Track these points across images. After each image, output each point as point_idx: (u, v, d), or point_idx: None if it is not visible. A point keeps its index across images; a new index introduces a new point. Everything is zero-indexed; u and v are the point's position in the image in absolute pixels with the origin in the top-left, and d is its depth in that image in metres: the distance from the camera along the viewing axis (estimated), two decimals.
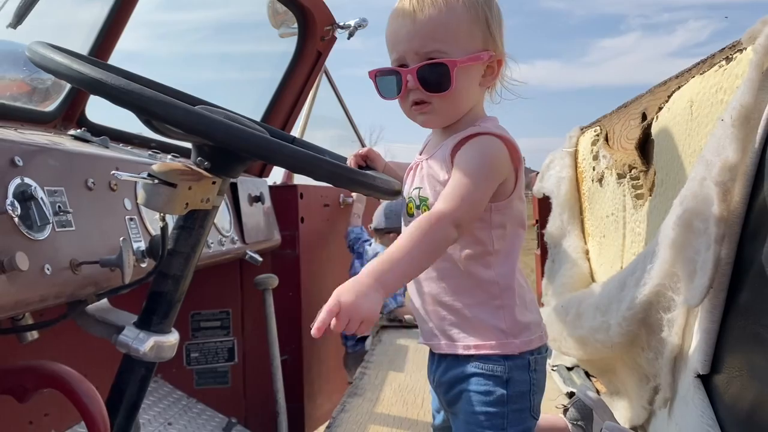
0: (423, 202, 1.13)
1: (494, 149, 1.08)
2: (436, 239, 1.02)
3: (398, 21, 1.11)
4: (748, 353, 0.99)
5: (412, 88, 1.10)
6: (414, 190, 1.16)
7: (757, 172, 0.98)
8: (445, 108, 1.12)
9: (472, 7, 1.10)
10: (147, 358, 1.27)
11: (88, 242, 1.24)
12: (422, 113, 1.13)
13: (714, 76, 1.20)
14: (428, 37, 1.08)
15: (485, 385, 1.10)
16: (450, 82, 1.07)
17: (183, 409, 2.43)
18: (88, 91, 0.97)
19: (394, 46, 1.12)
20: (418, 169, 1.18)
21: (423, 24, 1.08)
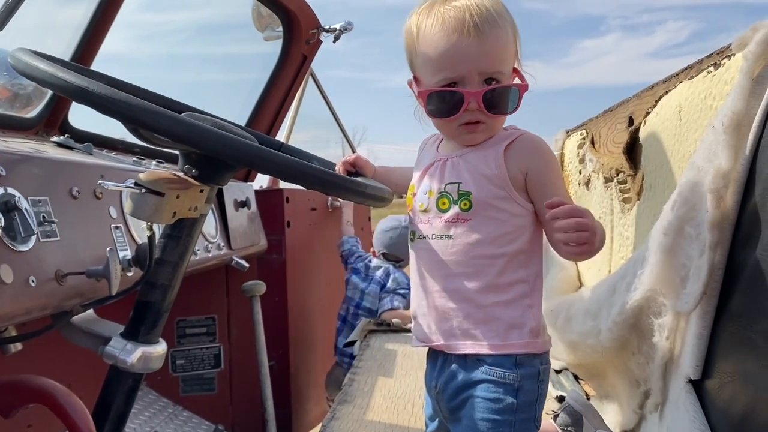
0: (464, 196, 1.11)
1: (547, 146, 1.16)
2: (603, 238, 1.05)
3: (458, 39, 1.06)
4: (741, 358, 1.00)
5: (472, 110, 1.09)
6: (449, 186, 1.13)
7: (748, 179, 0.98)
8: (496, 126, 1.13)
9: (512, 26, 1.11)
10: (134, 369, 1.25)
11: (74, 252, 1.22)
12: (471, 132, 1.12)
13: (703, 82, 1.21)
14: (495, 59, 1.08)
15: (495, 392, 1.09)
16: (517, 105, 1.11)
17: (169, 416, 2.40)
18: (74, 101, 0.95)
19: (450, 65, 1.08)
20: (448, 165, 1.15)
21: (490, 45, 1.06)
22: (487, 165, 1.11)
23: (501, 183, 1.10)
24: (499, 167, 1.10)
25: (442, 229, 1.13)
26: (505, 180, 1.10)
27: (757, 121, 0.96)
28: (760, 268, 0.94)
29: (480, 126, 1.11)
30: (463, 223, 1.12)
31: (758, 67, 0.96)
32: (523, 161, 1.10)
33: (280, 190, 2.72)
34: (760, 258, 0.94)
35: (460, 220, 1.12)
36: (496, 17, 1.07)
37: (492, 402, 1.09)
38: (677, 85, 1.34)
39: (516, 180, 1.10)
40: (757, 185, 0.96)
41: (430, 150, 1.24)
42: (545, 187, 1.10)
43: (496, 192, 1.10)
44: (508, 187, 1.10)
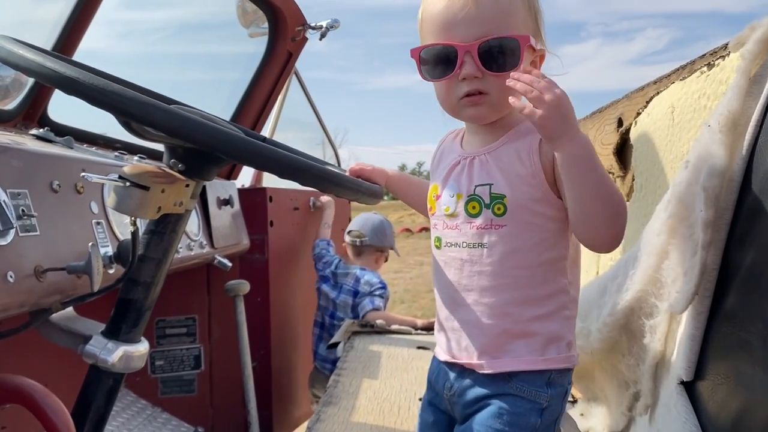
0: (497, 199, 1.02)
1: None
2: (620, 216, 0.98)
3: (453, 3, 1.00)
4: (734, 360, 0.99)
5: (468, 74, 1.00)
6: (479, 188, 1.04)
7: (745, 178, 0.98)
8: (501, 98, 1.00)
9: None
10: (115, 368, 1.21)
11: (54, 248, 1.18)
12: (474, 105, 1.03)
13: (696, 82, 1.20)
14: (491, 22, 0.99)
15: (520, 408, 1.03)
16: (519, 60, 0.99)
17: (147, 419, 2.35)
18: (64, 92, 0.91)
19: (445, 30, 1.01)
20: (476, 164, 1.06)
21: (485, 7, 0.99)
22: (521, 163, 1.02)
23: (537, 182, 1.01)
24: (534, 165, 1.01)
25: (474, 237, 1.05)
26: (541, 179, 1.01)
27: (754, 120, 0.95)
28: (756, 269, 0.93)
29: (483, 98, 1.02)
30: (498, 230, 1.03)
31: (755, 67, 0.96)
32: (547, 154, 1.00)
33: (263, 188, 2.69)
34: (756, 258, 0.93)
35: (494, 226, 1.03)
36: None
37: (515, 416, 1.03)
38: (669, 86, 1.33)
39: (549, 175, 1.01)
40: (753, 185, 0.95)
41: (452, 146, 1.15)
42: None
43: (531, 193, 1.02)
44: (544, 187, 1.01)
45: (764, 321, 0.90)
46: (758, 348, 0.92)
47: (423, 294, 8.82)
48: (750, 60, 0.95)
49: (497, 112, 1.05)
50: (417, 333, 2.59)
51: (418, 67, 1.06)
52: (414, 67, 1.08)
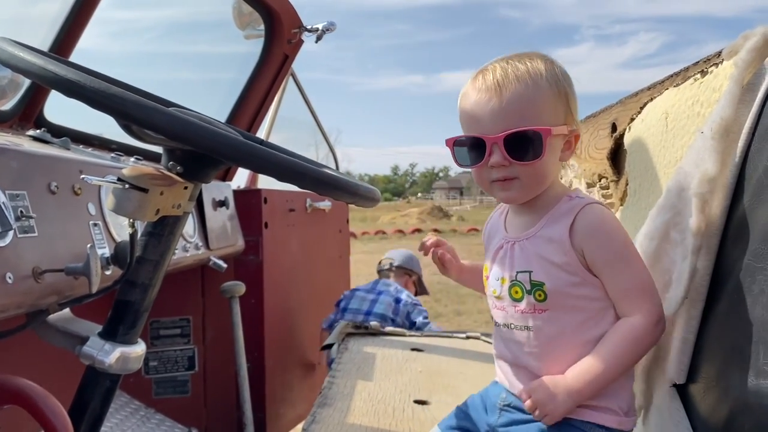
0: (537, 287, 1.09)
1: (611, 217, 1.11)
2: (644, 350, 1.09)
3: (480, 97, 1.09)
4: (726, 364, 1.00)
5: (496, 162, 1.08)
6: (520, 274, 1.12)
7: (737, 185, 0.99)
8: (530, 181, 1.10)
9: (555, 84, 1.09)
10: (112, 370, 1.21)
11: (52, 249, 1.18)
12: (505, 190, 1.11)
13: (690, 89, 1.22)
14: (516, 115, 1.07)
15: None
16: (542, 151, 1.06)
17: (141, 419, 2.35)
18: (64, 94, 0.92)
19: (475, 123, 1.10)
20: (516, 249, 1.14)
21: (510, 101, 1.07)
22: (555, 251, 1.08)
23: (573, 269, 1.08)
24: (567, 253, 1.07)
25: (520, 320, 1.12)
26: (576, 265, 1.07)
27: (746, 127, 0.97)
28: (747, 274, 0.95)
29: (512, 183, 1.10)
30: (541, 314, 1.10)
31: (748, 75, 0.98)
32: (582, 241, 1.07)
33: (259, 190, 2.69)
34: (748, 264, 0.95)
35: (537, 310, 1.10)
36: (525, 74, 1.08)
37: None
38: (663, 92, 1.35)
39: (584, 260, 1.08)
40: (746, 191, 0.97)
41: (498, 227, 1.23)
42: (604, 268, 1.07)
43: (570, 279, 1.08)
44: (582, 272, 1.08)
45: (756, 325, 0.92)
46: (749, 352, 0.93)
47: None
48: (743, 68, 0.97)
49: (528, 194, 1.12)
50: (411, 335, 2.60)
51: (452, 155, 1.15)
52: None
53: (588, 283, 1.08)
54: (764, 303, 0.90)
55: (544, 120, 1.08)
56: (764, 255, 0.90)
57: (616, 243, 1.08)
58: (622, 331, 1.06)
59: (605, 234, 1.07)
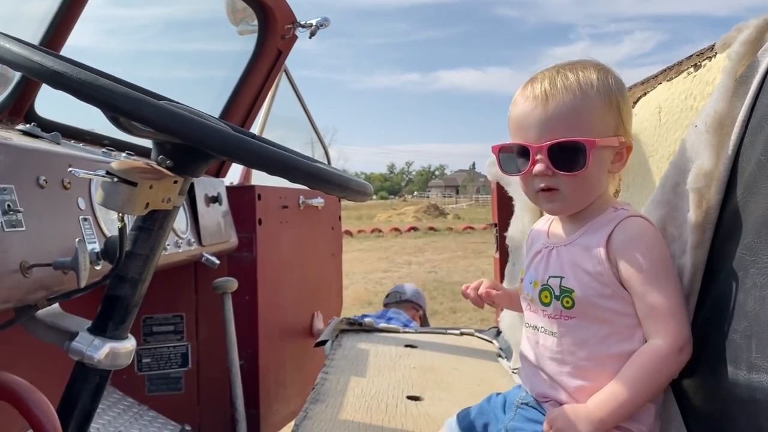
0: (566, 293, 1.09)
1: (654, 233, 1.08)
2: (668, 377, 1.04)
3: (528, 104, 1.10)
4: (719, 358, 1.00)
5: (540, 171, 1.08)
6: (552, 279, 1.12)
7: (731, 178, 0.99)
8: (574, 193, 1.10)
9: (607, 94, 1.09)
10: (102, 365, 1.20)
11: (40, 243, 1.17)
12: (549, 201, 1.11)
13: (683, 83, 1.21)
14: (562, 124, 1.07)
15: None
16: (585, 162, 1.05)
17: (134, 416, 2.34)
18: (51, 86, 0.91)
19: (522, 131, 1.11)
20: (552, 255, 1.15)
21: (557, 111, 1.07)
22: (590, 259, 1.08)
23: (605, 280, 1.06)
24: (602, 263, 1.06)
25: (547, 324, 1.13)
26: (609, 276, 1.06)
27: (739, 120, 0.96)
28: (740, 267, 0.94)
29: (555, 194, 1.10)
30: (567, 320, 1.10)
31: (741, 68, 0.97)
32: (618, 252, 1.06)
33: (252, 186, 2.68)
34: (741, 257, 0.94)
35: (563, 317, 1.10)
36: (574, 84, 1.07)
37: None
38: (656, 87, 1.34)
39: (618, 273, 1.06)
40: (739, 184, 0.96)
41: (541, 233, 1.23)
42: (635, 282, 1.04)
43: (600, 290, 1.07)
44: (614, 284, 1.06)
45: (748, 319, 0.91)
46: (742, 347, 0.93)
47: None
48: (736, 61, 0.97)
49: (573, 206, 1.12)
50: (405, 331, 2.60)
51: (498, 162, 1.16)
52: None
53: (618, 296, 1.06)
54: (756, 297, 0.89)
55: (592, 131, 1.07)
56: (757, 248, 0.90)
57: (651, 258, 1.04)
58: (644, 356, 1.03)
59: (643, 247, 1.05)
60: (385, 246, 16.77)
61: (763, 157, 0.89)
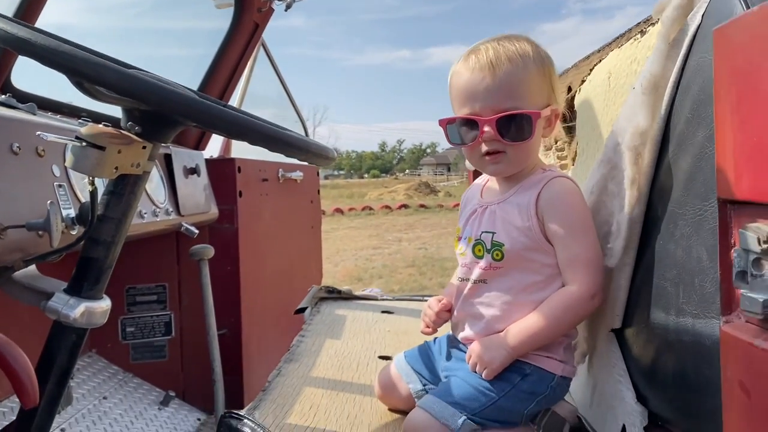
0: (496, 247, 1.20)
1: (575, 192, 1.20)
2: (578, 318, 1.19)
3: (474, 76, 1.17)
4: (653, 306, 1.07)
5: (488, 139, 1.17)
6: (485, 234, 1.22)
7: (664, 137, 1.05)
8: (517, 157, 1.20)
9: (541, 64, 1.18)
10: (77, 324, 1.25)
11: (14, 207, 1.22)
12: (495, 163, 1.20)
13: (630, 49, 1.27)
14: (507, 95, 1.15)
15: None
16: (531, 133, 1.16)
17: (119, 383, 2.41)
18: (16, 52, 0.95)
19: (468, 100, 1.18)
20: (486, 213, 1.24)
21: (502, 81, 1.15)
22: (520, 215, 1.19)
23: (532, 234, 1.18)
24: (531, 218, 1.18)
25: (478, 275, 1.23)
26: (536, 230, 1.18)
27: (671, 81, 1.02)
28: (671, 220, 1.01)
29: (501, 156, 1.19)
30: (496, 271, 1.21)
31: (674, 32, 1.02)
32: (544, 209, 1.17)
33: (232, 159, 2.72)
34: (671, 211, 1.01)
35: (493, 268, 1.21)
36: (515, 56, 1.16)
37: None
38: (609, 54, 1.40)
39: (544, 228, 1.18)
40: (671, 142, 1.02)
41: (474, 195, 1.32)
42: (557, 236, 1.17)
43: (527, 243, 1.18)
44: (539, 238, 1.18)
45: (677, 268, 0.98)
46: (672, 293, 0.99)
47: (400, 269, 8.91)
48: (669, 25, 1.02)
49: (514, 167, 1.22)
50: (383, 298, 2.67)
51: (445, 134, 1.23)
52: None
53: (542, 249, 1.18)
54: (684, 246, 0.96)
55: (533, 100, 1.17)
56: (685, 201, 0.96)
57: (573, 215, 1.16)
58: (559, 299, 1.16)
59: (565, 205, 1.17)
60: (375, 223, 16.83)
61: (690, 115, 0.95)
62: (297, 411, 1.37)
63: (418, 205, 23.64)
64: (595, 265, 1.16)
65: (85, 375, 2.32)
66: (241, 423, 1.12)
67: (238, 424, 1.12)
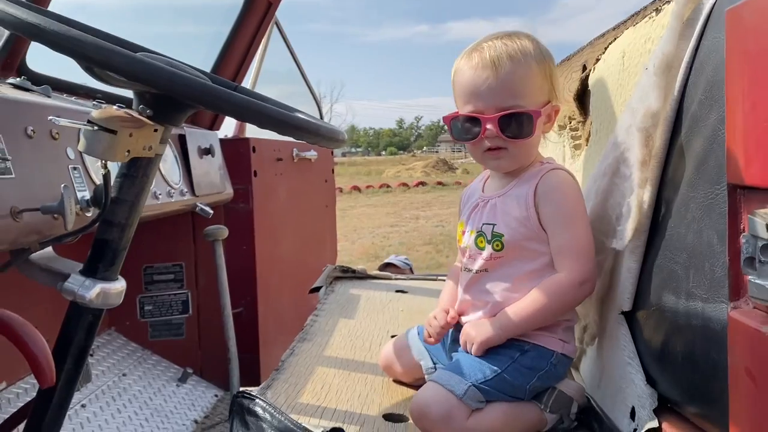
0: (496, 237, 1.25)
1: (571, 183, 1.25)
2: (567, 304, 1.22)
3: (477, 73, 1.21)
4: (663, 289, 1.06)
5: (490, 136, 1.21)
6: (485, 226, 1.27)
7: (677, 118, 1.03)
8: (519, 154, 1.25)
9: (542, 62, 1.22)
10: (93, 304, 1.28)
11: (29, 190, 1.24)
12: (496, 159, 1.25)
13: (644, 27, 1.24)
14: (509, 93, 1.20)
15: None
16: (532, 131, 1.21)
17: (138, 360, 2.46)
18: (26, 37, 0.96)
19: (471, 98, 1.22)
20: (488, 206, 1.29)
21: (504, 79, 1.19)
22: (519, 207, 1.23)
23: (530, 224, 1.23)
24: (529, 209, 1.22)
25: (481, 265, 1.28)
26: (534, 220, 1.22)
27: (685, 62, 1.00)
28: (682, 203, 1.00)
29: (502, 152, 1.24)
30: (497, 260, 1.26)
31: (688, 11, 1.00)
32: (540, 199, 1.22)
33: (247, 139, 2.73)
34: (683, 194, 1.00)
35: (494, 257, 1.26)
36: (517, 54, 1.19)
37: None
38: (624, 32, 1.37)
39: (540, 217, 1.23)
40: (684, 124, 1.01)
41: (476, 190, 1.37)
42: (550, 225, 1.21)
43: (525, 233, 1.23)
44: (536, 227, 1.22)
45: (687, 252, 0.97)
46: (682, 277, 0.99)
47: (417, 246, 8.94)
48: (683, 4, 1.00)
49: (515, 163, 1.27)
50: (397, 278, 2.68)
51: (449, 130, 1.27)
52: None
53: (540, 238, 1.22)
54: (695, 230, 0.95)
55: (534, 98, 1.21)
56: (696, 184, 0.95)
57: (565, 205, 1.21)
58: (547, 285, 1.20)
59: (558, 195, 1.21)
60: (393, 201, 16.84)
61: (703, 97, 0.93)
62: (309, 390, 1.39)
63: (435, 182, 23.58)
64: (584, 254, 1.20)
65: (105, 352, 2.37)
66: (253, 403, 1.13)
67: (250, 404, 1.14)
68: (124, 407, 2.12)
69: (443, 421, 1.14)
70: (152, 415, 2.16)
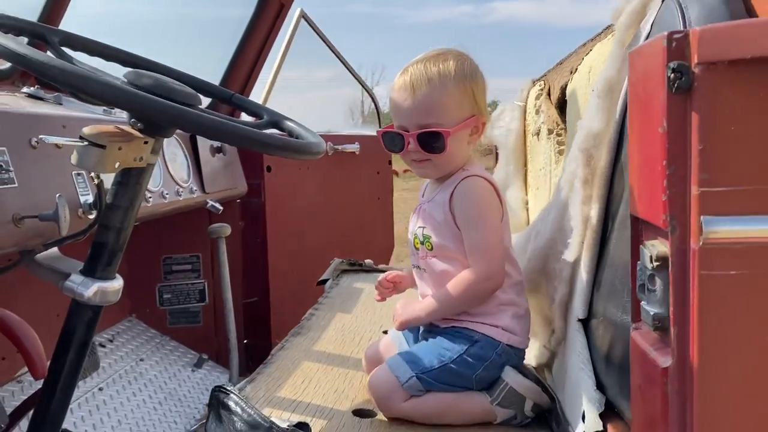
0: (426, 239, 1.40)
1: (481, 188, 1.36)
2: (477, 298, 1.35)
3: (400, 95, 1.35)
4: (608, 301, 1.12)
5: (412, 149, 1.35)
6: (419, 229, 1.43)
7: (619, 140, 1.08)
8: (441, 164, 1.38)
9: (461, 83, 1.34)
10: (92, 302, 1.39)
11: (32, 198, 1.35)
12: (421, 168, 1.40)
13: (607, 44, 1.28)
14: (425, 113, 1.33)
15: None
16: (444, 147, 1.33)
17: (156, 346, 2.60)
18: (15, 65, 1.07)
19: (397, 116, 1.38)
20: (421, 210, 1.44)
21: (420, 101, 1.33)
22: (439, 212, 1.37)
23: (449, 227, 1.36)
24: (446, 213, 1.36)
25: (422, 263, 1.43)
26: (451, 224, 1.35)
27: (625, 86, 1.04)
28: (622, 221, 1.05)
29: (425, 162, 1.38)
30: (431, 259, 1.40)
31: (628, 37, 1.05)
32: (455, 205, 1.34)
33: None
34: (623, 213, 1.05)
35: (429, 257, 1.41)
36: (435, 77, 1.32)
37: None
38: (594, 47, 1.41)
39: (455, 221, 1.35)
40: (623, 146, 1.06)
41: (421, 194, 1.51)
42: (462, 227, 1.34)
43: (447, 234, 1.37)
44: (455, 230, 1.35)
45: (623, 267, 1.02)
46: (620, 291, 1.04)
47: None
48: (623, 31, 1.04)
49: (439, 171, 1.41)
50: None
51: (382, 142, 1.42)
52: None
53: (459, 239, 1.35)
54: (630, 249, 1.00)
55: (450, 116, 1.34)
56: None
57: (473, 209, 1.34)
58: (457, 280, 1.34)
59: (468, 200, 1.34)
60: None
61: None
62: (289, 384, 1.48)
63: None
64: (489, 252, 1.33)
65: (125, 338, 2.52)
66: (228, 397, 1.23)
67: (225, 398, 1.23)
68: (140, 391, 2.26)
69: (383, 400, 1.34)
70: (166, 398, 2.30)
